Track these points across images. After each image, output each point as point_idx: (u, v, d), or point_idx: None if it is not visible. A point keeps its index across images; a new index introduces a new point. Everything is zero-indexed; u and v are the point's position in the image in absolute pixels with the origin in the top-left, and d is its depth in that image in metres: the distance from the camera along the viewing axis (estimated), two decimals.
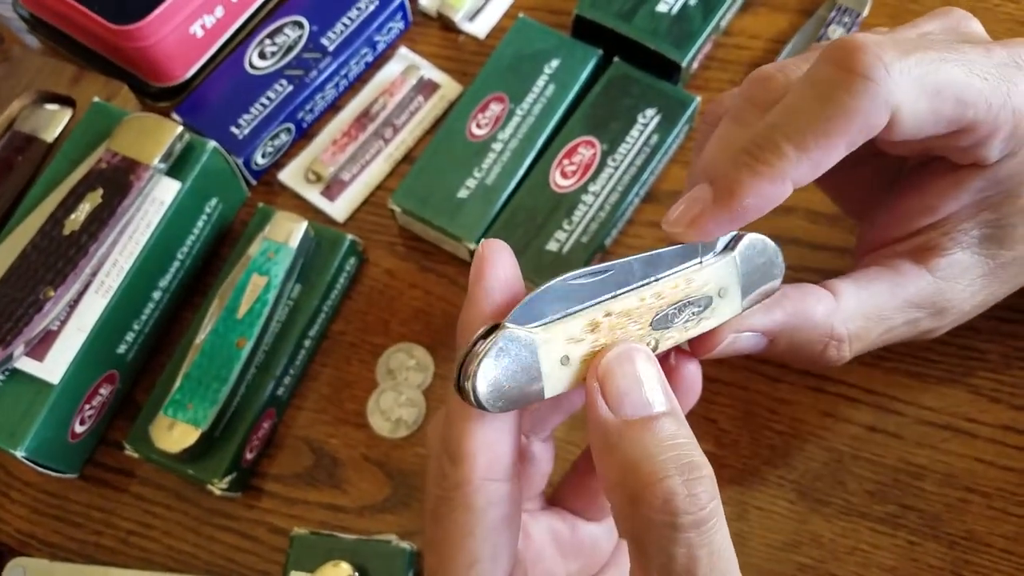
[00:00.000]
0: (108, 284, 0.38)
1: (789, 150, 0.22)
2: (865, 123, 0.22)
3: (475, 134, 0.42)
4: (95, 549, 0.39)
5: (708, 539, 0.19)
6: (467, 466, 0.21)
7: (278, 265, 0.38)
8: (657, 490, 0.19)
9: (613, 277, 0.22)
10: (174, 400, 0.36)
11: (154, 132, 0.39)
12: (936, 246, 0.28)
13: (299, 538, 0.35)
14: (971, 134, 0.25)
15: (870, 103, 0.22)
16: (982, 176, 0.27)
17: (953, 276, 0.29)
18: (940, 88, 0.23)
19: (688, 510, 0.19)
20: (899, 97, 0.22)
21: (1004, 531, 0.36)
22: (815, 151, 0.22)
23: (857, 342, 0.28)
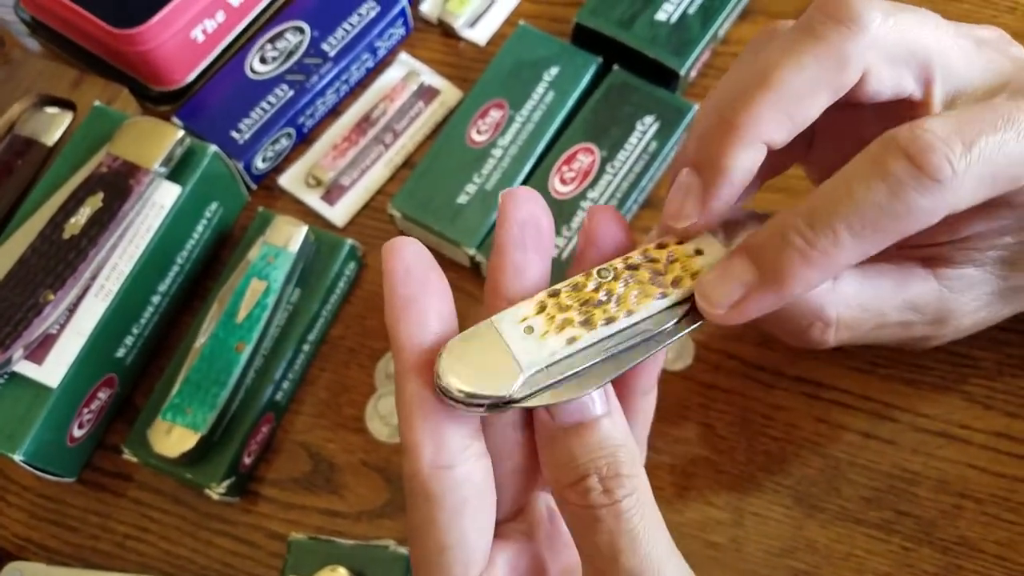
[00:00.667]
0: (108, 288, 0.38)
1: (846, 239, 0.22)
2: (926, 221, 0.22)
3: (475, 140, 0.43)
4: (92, 553, 0.39)
5: (628, 526, 0.21)
6: (415, 456, 0.22)
7: (278, 270, 0.38)
8: (579, 488, 0.21)
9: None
10: (173, 404, 0.36)
11: (155, 136, 0.39)
12: (948, 258, 0.28)
13: (297, 543, 0.35)
14: (1017, 195, 0.25)
15: (937, 204, 0.22)
16: (1011, 207, 0.27)
17: (959, 288, 0.28)
18: (997, 174, 0.23)
19: (603, 503, 0.21)
20: (961, 196, 0.22)
21: (997, 537, 0.36)
22: (870, 245, 0.22)
23: (846, 330, 0.28)
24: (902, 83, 0.24)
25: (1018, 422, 0.38)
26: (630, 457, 0.22)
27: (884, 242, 0.22)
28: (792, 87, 0.23)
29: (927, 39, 0.24)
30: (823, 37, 0.23)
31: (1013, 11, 0.47)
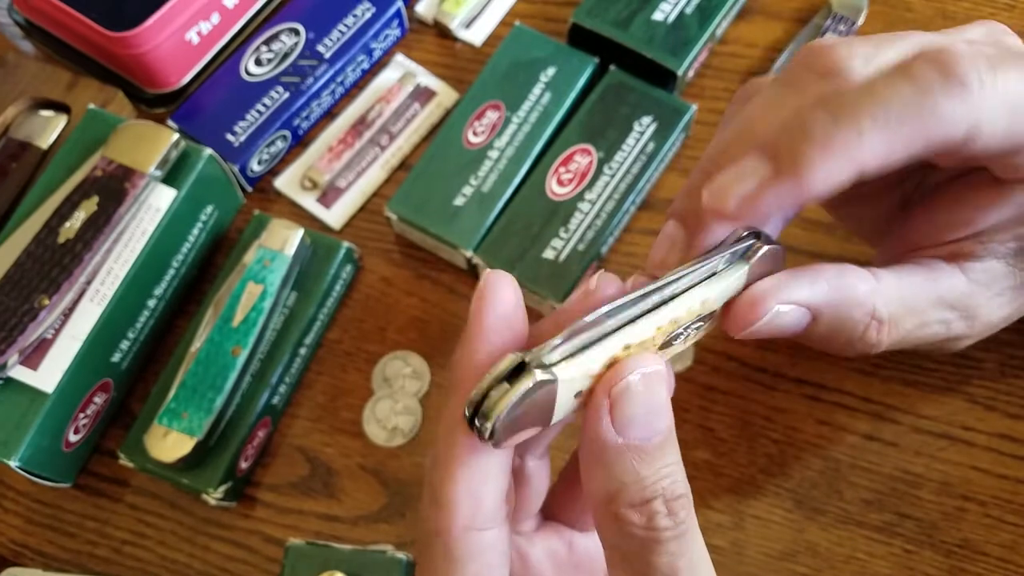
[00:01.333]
0: (103, 292, 0.38)
1: (868, 127, 0.21)
2: (951, 130, 0.22)
3: (471, 142, 0.42)
4: (89, 559, 0.38)
5: (687, 549, 0.20)
6: (448, 513, 0.21)
7: (274, 273, 0.38)
8: (643, 511, 0.20)
9: (636, 307, 0.22)
10: (169, 409, 0.36)
11: (150, 139, 0.39)
12: (970, 252, 0.28)
13: (294, 548, 0.35)
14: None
15: (963, 110, 0.21)
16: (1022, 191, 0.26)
17: (984, 282, 0.28)
18: (1017, 112, 0.23)
19: (669, 526, 0.20)
20: (983, 111, 0.22)
21: (1000, 539, 0.36)
22: (893, 140, 0.21)
23: (894, 329, 0.27)
24: (1007, 139, 0.24)
25: (1021, 424, 0.38)
26: (686, 482, 0.21)
27: (906, 145, 0.21)
28: (894, 138, 0.22)
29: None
30: (806, 92, 0.23)
31: (1012, 8, 0.46)
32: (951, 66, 0.22)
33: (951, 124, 0.22)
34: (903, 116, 0.21)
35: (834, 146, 0.21)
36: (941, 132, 0.22)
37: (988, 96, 0.22)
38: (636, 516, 0.20)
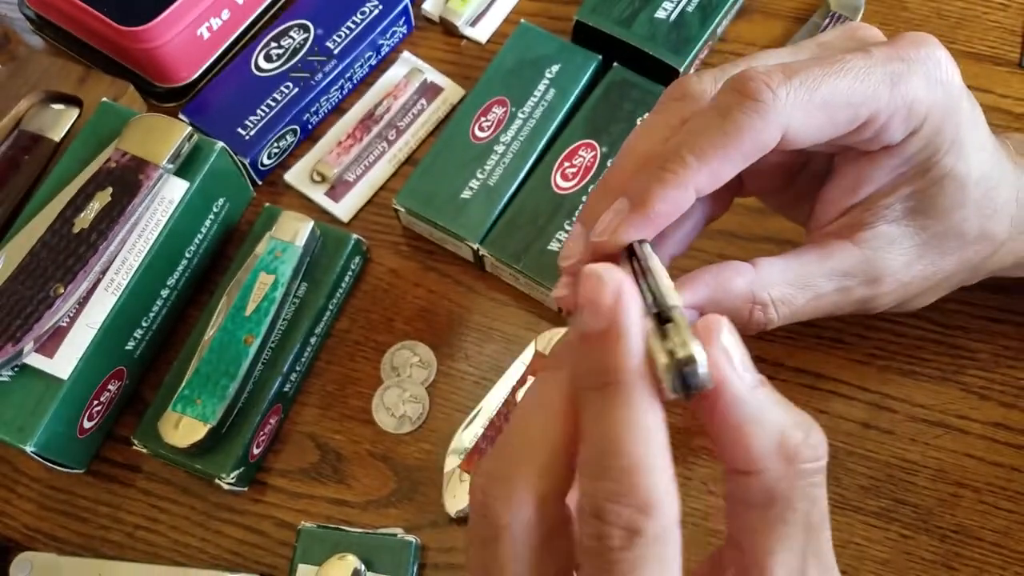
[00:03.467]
0: (117, 282, 0.38)
1: (691, 160, 0.25)
2: (758, 139, 0.25)
3: (478, 136, 0.43)
4: (102, 544, 0.39)
5: (822, 498, 0.21)
6: (665, 513, 0.20)
7: (285, 264, 0.39)
8: (812, 440, 0.21)
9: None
10: (183, 396, 0.37)
11: (163, 132, 0.40)
12: (860, 222, 0.31)
13: (306, 531, 0.36)
14: (870, 127, 0.28)
15: (761, 122, 0.25)
16: (891, 155, 0.29)
17: (880, 247, 0.31)
18: (827, 99, 0.26)
19: (826, 450, 0.21)
20: (788, 115, 0.25)
21: (995, 525, 0.37)
22: (714, 161, 0.25)
23: (783, 306, 0.30)
24: (832, 128, 0.27)
25: (1014, 412, 0.39)
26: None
27: (726, 160, 0.25)
28: (712, 160, 0.25)
29: (838, 85, 0.27)
30: (670, 116, 0.28)
31: (1006, 8, 0.47)
32: (745, 87, 0.25)
33: (758, 135, 0.25)
34: (715, 139, 0.25)
35: (667, 180, 0.25)
36: (752, 144, 0.25)
37: (789, 103, 0.25)
38: (807, 449, 0.21)
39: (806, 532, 0.21)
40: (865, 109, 0.27)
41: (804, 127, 0.26)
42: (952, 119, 0.29)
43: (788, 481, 0.21)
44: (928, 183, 0.30)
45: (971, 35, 0.47)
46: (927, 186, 0.30)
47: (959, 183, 0.30)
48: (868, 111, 0.27)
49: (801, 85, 0.26)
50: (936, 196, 0.30)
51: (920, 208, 0.30)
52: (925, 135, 0.29)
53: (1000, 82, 0.45)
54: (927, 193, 0.30)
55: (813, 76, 0.26)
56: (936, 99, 0.28)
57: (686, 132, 0.26)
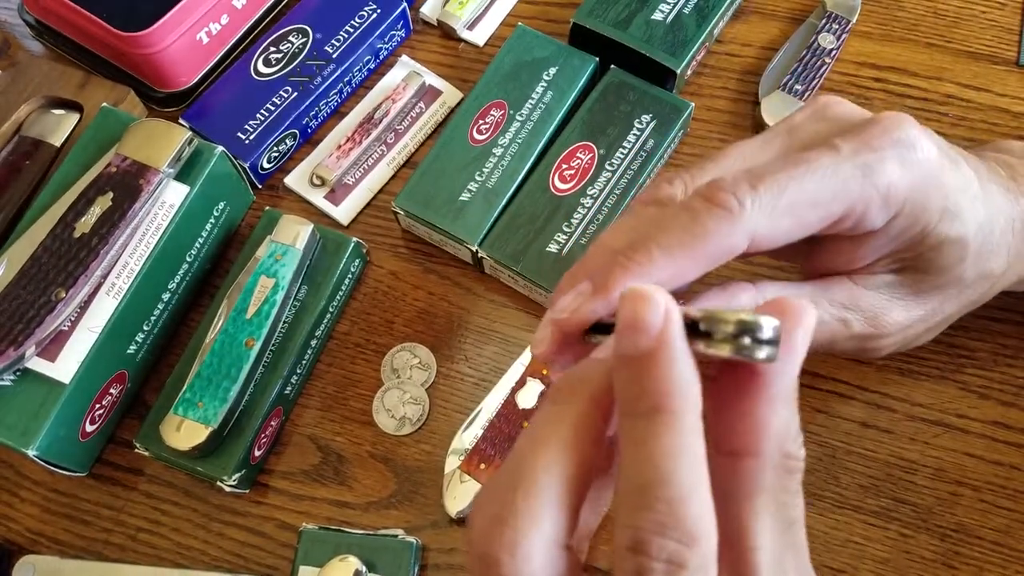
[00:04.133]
0: (119, 286, 0.39)
1: (657, 255, 0.26)
2: (724, 244, 0.26)
3: (476, 139, 0.43)
4: (104, 546, 0.39)
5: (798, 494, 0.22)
6: (708, 544, 0.19)
7: (285, 267, 0.39)
8: (800, 442, 0.22)
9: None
10: (184, 399, 0.37)
11: (163, 137, 0.40)
12: (859, 274, 0.32)
13: (308, 533, 0.36)
14: (847, 219, 0.28)
15: (728, 228, 0.26)
16: (878, 236, 0.30)
17: (876, 287, 0.31)
18: (794, 203, 0.27)
19: (803, 461, 0.22)
20: (755, 221, 0.26)
21: (994, 524, 0.37)
22: (679, 259, 0.26)
23: None
24: (802, 228, 0.28)
25: (1014, 411, 0.39)
26: None
27: (692, 260, 0.26)
28: (677, 258, 0.26)
29: (804, 188, 0.27)
30: (640, 217, 0.28)
31: (1003, 7, 0.48)
32: (714, 197, 0.26)
33: (724, 240, 0.26)
34: (683, 239, 0.26)
35: (630, 269, 0.25)
36: (718, 249, 0.26)
37: (755, 211, 0.26)
38: (799, 450, 0.22)
39: (787, 526, 0.21)
40: (837, 205, 0.27)
41: (772, 231, 0.27)
42: (937, 193, 0.29)
43: (777, 472, 0.21)
44: (926, 249, 0.30)
45: (968, 34, 0.47)
46: (925, 251, 0.30)
47: (959, 244, 0.30)
48: (841, 207, 0.27)
49: (767, 192, 0.26)
50: (935, 259, 0.30)
51: (920, 267, 0.31)
52: (910, 214, 0.29)
53: (998, 81, 0.45)
54: (924, 257, 0.30)
55: (779, 182, 0.27)
56: (914, 179, 0.28)
57: (656, 227, 0.26)
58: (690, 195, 0.28)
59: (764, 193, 0.26)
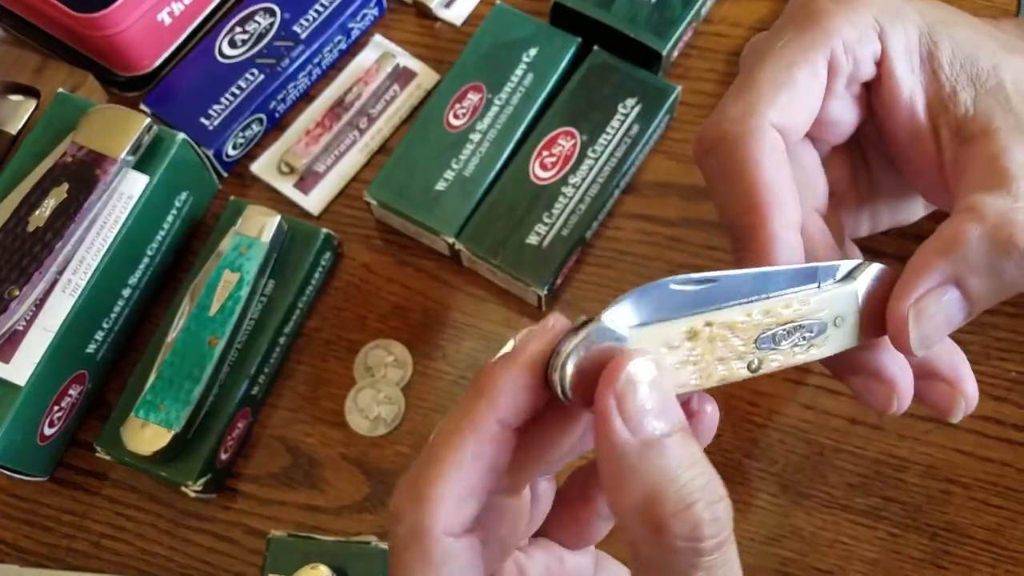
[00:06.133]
0: (75, 282, 0.37)
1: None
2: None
3: (452, 125, 0.42)
4: (67, 553, 0.38)
5: (726, 557, 0.19)
6: (431, 512, 0.20)
7: (251, 261, 0.37)
8: (686, 517, 0.18)
9: (719, 288, 0.21)
10: (145, 401, 0.36)
11: (121, 124, 0.38)
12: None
13: (276, 540, 0.35)
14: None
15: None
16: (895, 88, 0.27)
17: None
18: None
19: (712, 534, 0.18)
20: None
21: (985, 522, 0.36)
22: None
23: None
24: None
25: (1005, 406, 0.38)
26: (718, 478, 0.19)
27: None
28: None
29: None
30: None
31: None
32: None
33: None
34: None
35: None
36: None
37: None
38: (679, 525, 0.18)
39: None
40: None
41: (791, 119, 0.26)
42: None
43: (655, 551, 0.19)
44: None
45: (962, 4, 0.45)
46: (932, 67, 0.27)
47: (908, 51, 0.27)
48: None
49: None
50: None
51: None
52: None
53: None
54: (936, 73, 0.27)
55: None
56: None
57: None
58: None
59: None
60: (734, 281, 0.22)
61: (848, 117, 0.28)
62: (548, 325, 0.21)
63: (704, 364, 0.21)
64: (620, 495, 0.19)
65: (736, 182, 0.25)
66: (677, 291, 0.21)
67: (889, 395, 0.26)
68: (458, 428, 0.21)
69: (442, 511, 0.20)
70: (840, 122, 0.28)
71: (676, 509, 0.18)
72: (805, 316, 0.23)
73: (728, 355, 0.21)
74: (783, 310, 0.22)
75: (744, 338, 0.22)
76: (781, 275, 0.23)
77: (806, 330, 0.23)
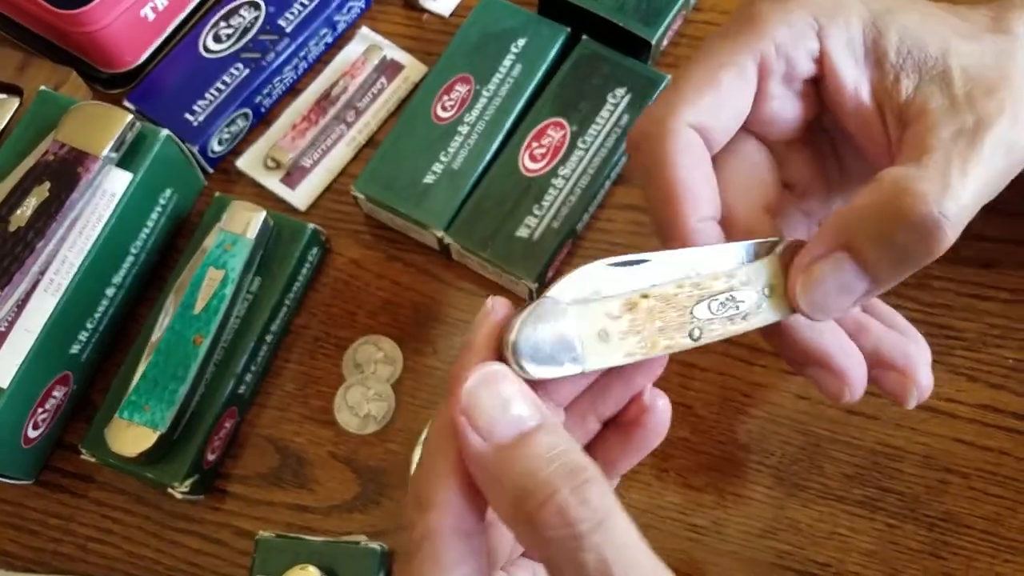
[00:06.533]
0: (58, 282, 0.36)
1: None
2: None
3: (440, 117, 0.41)
4: (53, 557, 0.37)
5: (611, 536, 0.19)
6: (438, 515, 0.20)
7: (235, 257, 0.37)
8: (551, 507, 0.19)
9: (652, 267, 0.23)
10: (130, 401, 0.35)
11: (103, 121, 0.37)
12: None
13: (264, 541, 0.34)
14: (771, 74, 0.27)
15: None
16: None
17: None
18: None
19: (584, 517, 0.19)
20: None
21: (984, 512, 0.36)
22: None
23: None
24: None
25: (1004, 394, 0.37)
26: (586, 460, 0.20)
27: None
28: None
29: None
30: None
31: None
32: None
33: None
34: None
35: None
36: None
37: None
38: (548, 515, 0.19)
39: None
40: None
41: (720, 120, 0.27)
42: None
43: (538, 545, 0.20)
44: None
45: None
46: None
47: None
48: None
49: None
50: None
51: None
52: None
53: None
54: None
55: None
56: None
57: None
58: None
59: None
60: (665, 259, 0.23)
61: (791, 114, 0.28)
62: (488, 310, 0.22)
63: (647, 334, 0.23)
64: (494, 501, 0.20)
65: (656, 179, 0.26)
66: (612, 269, 0.23)
67: (840, 386, 0.27)
68: (448, 435, 0.21)
69: (448, 514, 0.21)
70: (782, 120, 0.28)
71: (540, 501, 0.19)
72: (735, 288, 0.24)
73: (668, 325, 0.23)
74: (713, 282, 0.24)
75: (680, 309, 0.23)
76: (710, 252, 0.24)
77: (739, 300, 0.24)
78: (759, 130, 0.29)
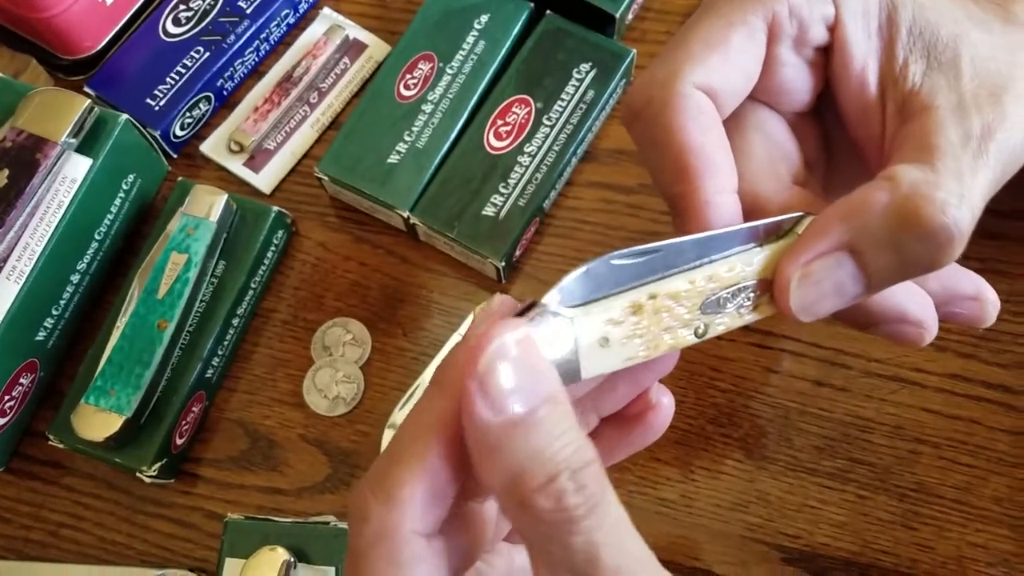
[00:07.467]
0: (20, 269, 0.36)
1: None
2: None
3: (403, 95, 0.41)
4: (24, 544, 0.37)
5: (602, 520, 0.19)
6: (400, 513, 0.19)
7: (198, 241, 0.37)
8: (549, 490, 0.18)
9: (661, 258, 0.21)
10: (96, 387, 0.35)
11: (60, 107, 0.37)
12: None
13: (233, 524, 0.34)
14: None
15: None
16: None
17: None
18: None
19: (579, 502, 0.18)
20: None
21: (955, 481, 0.36)
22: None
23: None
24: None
25: (973, 363, 0.37)
26: (588, 444, 0.19)
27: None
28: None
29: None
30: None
31: None
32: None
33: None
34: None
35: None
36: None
37: None
38: (543, 499, 0.18)
39: (572, 564, 0.19)
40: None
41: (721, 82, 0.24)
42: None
43: (528, 524, 0.19)
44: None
45: None
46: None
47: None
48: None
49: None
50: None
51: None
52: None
53: None
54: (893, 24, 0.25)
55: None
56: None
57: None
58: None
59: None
60: (676, 249, 0.21)
61: (802, 84, 0.26)
62: (493, 308, 0.21)
63: (651, 336, 0.21)
64: (488, 474, 0.19)
65: (664, 149, 0.24)
66: (618, 265, 0.20)
67: (920, 332, 0.26)
68: (426, 426, 0.20)
69: (411, 512, 0.19)
70: (794, 90, 0.26)
71: (538, 484, 0.18)
72: (748, 277, 0.22)
73: (674, 324, 0.21)
74: (726, 274, 0.22)
75: (689, 305, 0.21)
76: (723, 237, 0.22)
77: (750, 291, 0.22)
78: (769, 99, 0.27)
